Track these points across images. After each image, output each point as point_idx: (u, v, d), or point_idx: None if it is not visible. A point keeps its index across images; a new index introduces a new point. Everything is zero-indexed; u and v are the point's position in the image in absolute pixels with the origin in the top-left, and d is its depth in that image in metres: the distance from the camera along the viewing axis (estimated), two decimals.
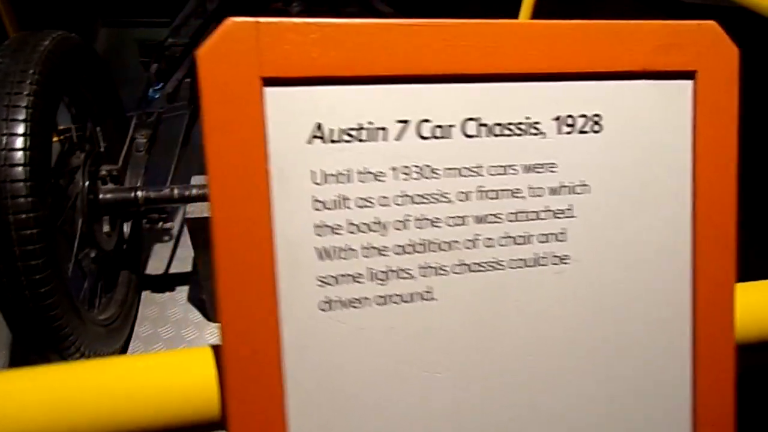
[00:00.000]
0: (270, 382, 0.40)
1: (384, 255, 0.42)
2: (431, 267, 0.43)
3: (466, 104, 0.43)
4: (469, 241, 0.44)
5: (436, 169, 0.43)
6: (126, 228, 1.77)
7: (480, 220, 0.44)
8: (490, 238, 0.44)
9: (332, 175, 0.41)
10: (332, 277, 0.42)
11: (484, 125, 0.43)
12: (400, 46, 0.41)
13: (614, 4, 2.27)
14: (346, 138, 0.41)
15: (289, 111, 0.40)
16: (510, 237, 0.45)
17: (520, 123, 0.44)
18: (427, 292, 0.43)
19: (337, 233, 0.41)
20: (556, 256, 0.46)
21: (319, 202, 0.41)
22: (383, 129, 0.42)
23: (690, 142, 0.47)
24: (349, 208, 0.41)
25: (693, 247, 0.48)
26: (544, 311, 0.46)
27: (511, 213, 0.45)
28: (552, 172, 0.45)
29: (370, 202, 0.42)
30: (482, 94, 0.43)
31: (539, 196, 0.45)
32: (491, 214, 0.44)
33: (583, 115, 0.45)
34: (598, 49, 0.44)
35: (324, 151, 0.41)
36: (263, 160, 0.39)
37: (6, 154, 1.13)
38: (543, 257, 0.46)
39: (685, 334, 0.48)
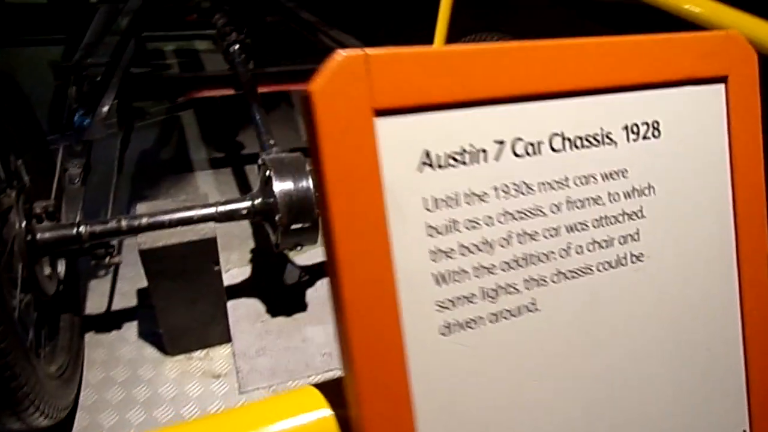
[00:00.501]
0: (401, 411, 0.40)
1: (492, 273, 0.43)
2: (533, 279, 0.45)
3: (551, 120, 0.45)
4: (563, 250, 0.46)
5: (531, 185, 0.45)
6: (60, 267, 1.63)
7: (570, 229, 0.46)
8: (579, 245, 0.47)
9: (442, 200, 0.41)
10: (449, 300, 0.42)
11: (568, 139, 0.46)
12: (493, 69, 0.42)
13: (529, 9, 2.41)
14: (452, 162, 0.42)
15: (399, 140, 0.40)
16: (596, 242, 0.47)
17: (596, 134, 0.47)
18: (532, 303, 0.45)
19: (450, 257, 0.42)
20: (633, 255, 0.49)
21: (432, 228, 0.41)
22: (483, 150, 0.43)
23: (726, 139, 0.53)
24: (458, 231, 0.42)
25: (736, 236, 0.53)
26: (628, 307, 0.49)
27: (595, 219, 0.47)
28: (624, 177, 0.48)
29: (477, 223, 0.42)
30: (563, 110, 0.45)
31: (616, 201, 0.48)
32: (579, 223, 0.47)
33: (645, 123, 0.49)
34: (651, 60, 0.48)
35: (433, 177, 0.41)
36: (379, 191, 0.39)
37: None
38: (623, 257, 0.49)
39: (736, 320, 0.54)
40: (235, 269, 2.14)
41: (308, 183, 1.56)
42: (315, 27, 2.40)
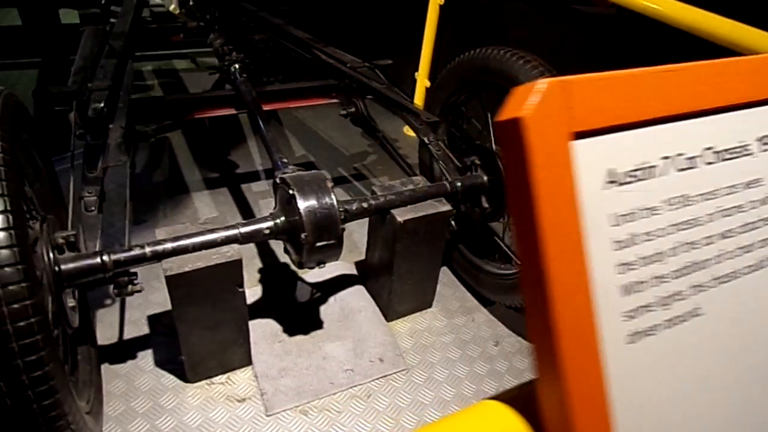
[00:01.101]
0: (602, 410, 0.42)
1: (665, 282, 0.46)
2: (696, 286, 0.48)
3: (704, 135, 0.48)
4: (717, 257, 0.49)
5: (690, 197, 0.47)
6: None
7: (722, 236, 0.49)
8: (729, 251, 0.50)
9: (623, 215, 0.44)
10: (633, 310, 0.44)
11: (716, 152, 0.49)
12: (662, 89, 0.45)
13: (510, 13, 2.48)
14: (629, 179, 0.44)
15: (590, 161, 0.42)
16: (742, 247, 0.51)
17: (737, 146, 0.50)
18: (697, 308, 0.48)
19: (631, 269, 0.44)
20: None
21: (617, 242, 0.43)
22: (653, 167, 0.45)
23: None
24: (636, 244, 0.44)
25: None
26: None
27: (740, 226, 0.51)
28: (760, 185, 0.52)
29: (652, 236, 0.45)
30: (712, 125, 0.49)
31: (755, 208, 0.52)
32: (728, 230, 0.50)
33: None
34: None
35: (616, 193, 0.43)
36: (576, 209, 0.41)
37: None
38: (764, 260, 0.52)
39: None
40: (245, 290, 2.12)
41: (331, 199, 1.57)
42: (309, 44, 2.41)
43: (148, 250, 1.46)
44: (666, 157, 0.47)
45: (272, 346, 1.87)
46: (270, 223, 1.60)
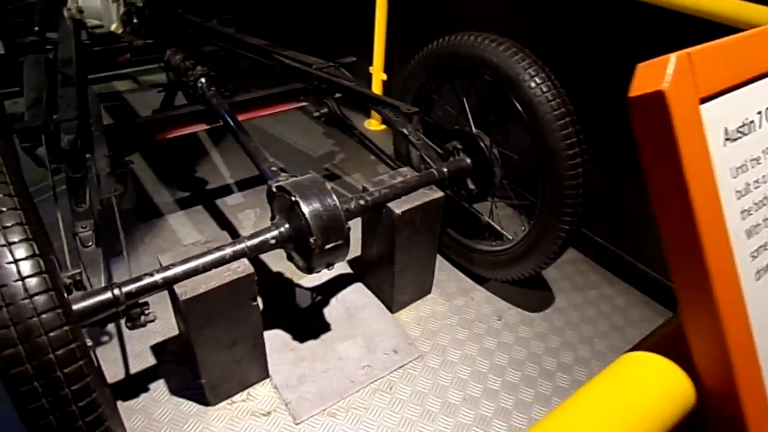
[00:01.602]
0: (748, 337, 0.47)
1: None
2: None
3: None
4: None
5: None
6: None
7: None
8: None
9: (738, 167, 0.49)
10: (755, 250, 0.49)
11: None
12: (755, 52, 0.50)
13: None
14: (738, 135, 0.49)
15: (713, 122, 0.47)
16: None
17: None
18: None
19: (750, 215, 0.49)
20: None
21: (738, 192, 0.49)
22: (752, 122, 0.51)
23: None
24: (750, 192, 0.50)
25: None
26: None
27: None
28: None
29: (759, 184, 0.50)
30: None
31: None
32: None
33: None
34: None
35: (731, 149, 0.48)
36: (711, 166, 0.46)
37: (27, 282, 0.92)
38: None
39: None
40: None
41: (334, 200, 1.58)
42: (267, 50, 2.38)
43: (158, 277, 1.42)
44: (759, 112, 0.52)
45: (285, 356, 1.86)
46: (275, 233, 1.59)
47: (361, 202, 1.74)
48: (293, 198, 1.55)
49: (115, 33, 2.62)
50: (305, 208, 1.54)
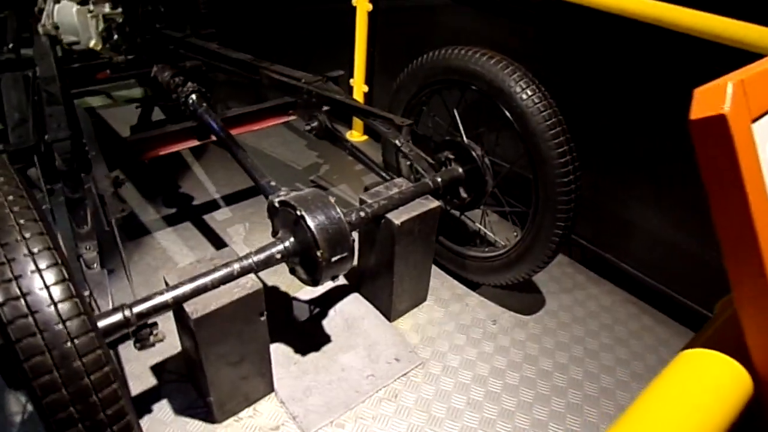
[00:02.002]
0: None
1: None
2: None
3: None
4: None
5: None
6: None
7: None
8: None
9: None
10: None
11: None
12: None
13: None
14: None
15: (762, 139, 0.52)
16: None
17: None
18: None
19: None
20: None
21: None
22: None
23: None
24: None
25: None
26: None
27: None
28: None
29: None
30: None
31: None
32: None
33: None
34: None
35: None
36: (763, 175, 0.51)
37: (60, 307, 0.92)
38: None
39: None
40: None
41: (338, 213, 1.60)
42: (254, 65, 2.39)
43: (168, 296, 1.42)
44: None
45: (289, 370, 1.87)
46: (281, 247, 1.60)
47: (362, 213, 1.77)
48: (298, 212, 1.57)
49: (93, 49, 2.58)
50: (311, 222, 1.55)
